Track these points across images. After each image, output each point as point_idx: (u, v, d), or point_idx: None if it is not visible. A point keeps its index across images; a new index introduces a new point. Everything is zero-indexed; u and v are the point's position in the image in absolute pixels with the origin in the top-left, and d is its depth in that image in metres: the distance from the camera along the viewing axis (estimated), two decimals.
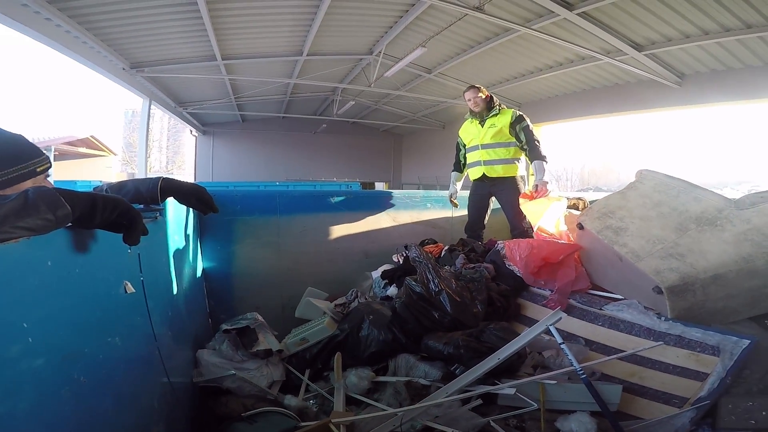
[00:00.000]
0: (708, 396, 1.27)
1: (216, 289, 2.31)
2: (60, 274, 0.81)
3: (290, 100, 13.58)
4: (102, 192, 1.30)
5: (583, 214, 2.23)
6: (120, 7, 5.91)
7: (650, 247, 1.76)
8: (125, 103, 43.47)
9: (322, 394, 1.70)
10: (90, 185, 7.60)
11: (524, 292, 2.15)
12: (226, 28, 7.20)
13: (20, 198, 0.71)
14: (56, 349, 0.76)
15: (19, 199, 0.71)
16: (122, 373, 1.01)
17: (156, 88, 9.81)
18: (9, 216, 0.68)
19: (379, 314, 1.88)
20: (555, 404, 1.42)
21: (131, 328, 1.12)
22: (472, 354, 1.59)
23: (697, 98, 7.52)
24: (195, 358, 1.67)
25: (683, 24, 6.02)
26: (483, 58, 8.65)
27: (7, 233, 0.67)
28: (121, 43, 7.21)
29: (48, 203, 0.74)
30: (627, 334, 1.67)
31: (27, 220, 0.70)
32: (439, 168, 15.15)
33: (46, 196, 0.74)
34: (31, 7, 5.14)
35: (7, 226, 0.67)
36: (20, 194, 0.72)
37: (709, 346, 1.44)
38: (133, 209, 0.91)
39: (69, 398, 0.76)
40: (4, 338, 0.63)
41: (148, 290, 1.21)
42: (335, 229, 2.64)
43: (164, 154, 38.83)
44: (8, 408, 0.62)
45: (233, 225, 2.38)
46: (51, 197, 0.75)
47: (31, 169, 1.01)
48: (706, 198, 1.89)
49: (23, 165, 1.00)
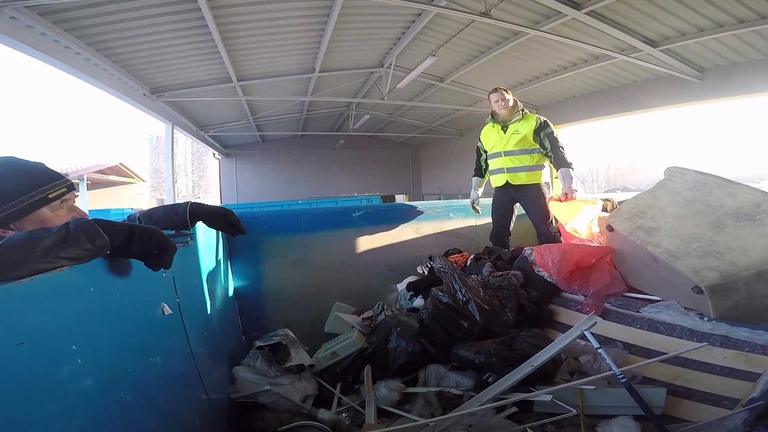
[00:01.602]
0: (761, 396, 1.21)
1: (247, 308, 2.36)
2: (102, 299, 0.85)
3: (307, 118, 13.85)
4: (135, 220, 1.36)
5: (612, 215, 2.17)
6: (134, 32, 6.15)
7: (686, 246, 1.70)
8: (149, 129, 45.16)
9: (354, 407, 1.70)
10: (122, 213, 7.93)
11: (556, 298, 2.10)
12: (238, 49, 7.42)
13: (62, 230, 0.77)
14: (103, 369, 0.79)
15: (61, 231, 0.77)
16: (164, 391, 1.04)
17: (177, 113, 10.16)
18: (52, 248, 0.74)
19: (407, 326, 1.87)
20: (595, 410, 1.38)
21: (170, 347, 1.15)
22: (504, 362, 1.56)
23: (719, 91, 7.28)
24: (231, 375, 1.70)
25: (695, 17, 5.87)
26: (495, 63, 8.62)
27: (51, 263, 0.73)
28: (139, 68, 7.49)
29: (87, 234, 0.79)
30: (668, 336, 1.60)
31: (69, 250, 0.76)
32: (460, 177, 15.08)
33: (86, 227, 0.80)
34: (49, 35, 5.36)
35: (50, 257, 0.73)
36: (62, 227, 0.78)
37: (759, 346, 1.37)
38: (168, 240, 0.94)
39: (117, 416, 0.80)
40: (57, 360, 0.67)
41: (185, 311, 1.25)
42: (359, 243, 2.66)
43: (190, 178, 40.04)
44: (63, 425, 0.65)
45: (260, 245, 2.44)
46: (90, 229, 0.80)
47: (43, 196, 0.99)
48: (741, 192, 1.82)
49: (33, 193, 0.98)
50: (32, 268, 0.69)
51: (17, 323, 0.60)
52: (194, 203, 1.43)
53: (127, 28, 6.01)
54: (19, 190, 0.97)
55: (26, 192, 0.97)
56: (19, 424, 0.56)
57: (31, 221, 0.98)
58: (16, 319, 0.60)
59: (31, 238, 0.74)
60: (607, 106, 9.22)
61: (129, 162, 17.68)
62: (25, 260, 0.69)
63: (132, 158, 66.62)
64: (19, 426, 0.56)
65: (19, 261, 0.69)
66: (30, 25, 5.03)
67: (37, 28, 5.14)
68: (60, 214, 1.02)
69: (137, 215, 1.40)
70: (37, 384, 0.62)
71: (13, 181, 0.98)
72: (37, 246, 0.72)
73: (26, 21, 4.94)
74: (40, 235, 0.75)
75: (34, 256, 0.71)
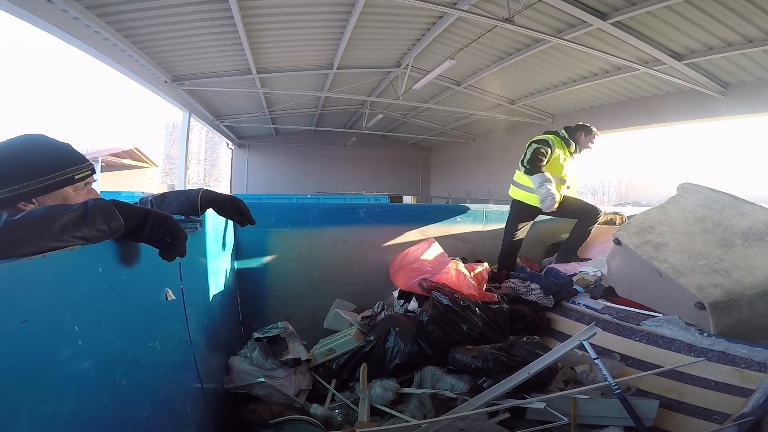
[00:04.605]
0: (752, 412, 1.21)
1: (249, 298, 2.38)
2: (109, 281, 0.86)
3: (321, 114, 13.94)
4: (147, 203, 1.39)
5: (620, 229, 2.17)
6: (163, 20, 6.28)
7: (692, 263, 1.69)
8: (166, 116, 45.81)
9: (347, 404, 1.71)
10: (133, 196, 8.04)
11: (556, 307, 2.10)
12: (260, 41, 7.50)
13: (80, 209, 0.78)
14: (102, 352, 0.79)
15: (79, 209, 0.77)
16: (160, 377, 1.05)
17: (195, 101, 10.30)
18: (69, 225, 0.74)
19: (405, 326, 1.88)
20: (586, 419, 1.38)
21: (170, 333, 1.16)
22: (501, 368, 1.56)
23: (743, 108, 7.13)
24: (227, 365, 1.72)
25: (724, 32, 5.77)
26: (514, 69, 8.57)
27: (65, 241, 0.73)
28: (163, 56, 7.63)
29: (104, 215, 0.80)
30: (666, 350, 1.60)
31: (84, 230, 0.76)
32: (470, 181, 15.02)
33: (104, 208, 0.81)
34: (81, 20, 5.52)
35: (66, 235, 0.73)
36: (80, 205, 0.79)
37: (755, 363, 1.37)
38: (180, 228, 0.94)
39: (110, 400, 0.79)
40: (57, 341, 0.67)
41: (187, 298, 1.26)
42: (364, 242, 2.67)
43: (202, 166, 40.50)
44: (56, 407, 0.65)
45: (267, 236, 2.46)
46: (107, 209, 0.81)
47: (70, 176, 1.03)
48: (753, 213, 1.81)
49: (62, 172, 1.02)
50: (47, 245, 0.70)
51: (24, 301, 0.60)
52: (206, 190, 1.45)
53: (155, 16, 6.13)
54: (48, 168, 1.01)
55: (55, 170, 1.02)
56: (10, 404, 0.55)
57: (54, 198, 1.02)
58: (23, 297, 0.60)
59: (51, 214, 0.74)
60: (625, 118, 9.11)
61: (144, 147, 17.94)
62: (41, 236, 0.70)
63: (147, 143, 67.71)
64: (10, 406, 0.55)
65: (36, 236, 0.70)
66: (65, 9, 5.18)
67: (71, 12, 5.28)
68: (81, 194, 1.06)
69: (149, 198, 1.42)
70: (35, 364, 0.61)
71: (45, 158, 1.02)
72: (55, 222, 0.73)
73: (61, 5, 5.08)
74: (60, 211, 0.76)
75: (52, 232, 0.71)
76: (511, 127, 12.41)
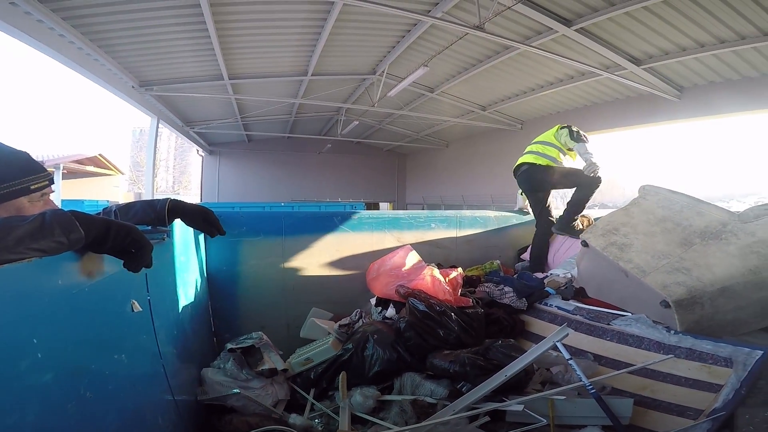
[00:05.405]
0: (723, 407, 1.26)
1: (221, 309, 2.31)
2: (70, 292, 0.82)
3: (295, 120, 13.81)
4: (111, 213, 1.33)
5: (587, 231, 2.24)
6: (132, 24, 6.10)
7: (655, 263, 1.76)
8: (133, 122, 44.37)
9: (327, 414, 1.68)
10: (97, 204, 7.69)
11: (529, 310, 2.14)
12: (233, 47, 7.39)
13: (37, 220, 0.74)
14: (64, 365, 0.77)
15: (35, 221, 0.74)
16: (127, 390, 1.02)
17: (164, 107, 10.03)
18: (24, 238, 0.71)
19: (384, 333, 1.87)
20: (565, 419, 1.40)
21: (137, 345, 1.13)
22: (478, 372, 1.57)
23: (697, 110, 7.55)
24: (200, 377, 1.66)
25: (679, 37, 6.11)
26: (484, 76, 8.80)
27: (21, 254, 0.70)
28: (131, 61, 7.39)
29: (63, 226, 0.76)
30: (636, 348, 1.65)
31: (41, 242, 0.72)
32: (445, 188, 15.22)
33: (63, 219, 0.77)
34: (45, 23, 5.31)
35: (22, 248, 0.70)
36: (38, 216, 0.75)
37: (722, 358, 1.43)
38: (144, 238, 0.91)
39: (74, 413, 0.77)
40: (14, 353, 0.65)
41: (155, 309, 1.22)
42: (340, 249, 2.64)
43: (171, 173, 39.35)
44: (15, 420, 0.63)
45: (239, 246, 2.40)
46: (67, 221, 0.77)
47: (25, 186, 0.99)
48: (709, 212, 1.90)
49: (17, 182, 0.98)
50: (1, 257, 0.67)
51: None
52: (173, 200, 1.41)
53: (124, 20, 5.96)
54: (2, 177, 0.97)
55: (10, 180, 0.97)
56: None
57: (7, 209, 0.97)
58: None
59: (5, 226, 0.71)
60: (590, 122, 9.48)
61: (109, 153, 17.23)
62: None
63: (113, 150, 65.22)
64: None
65: None
66: (28, 11, 4.98)
67: (35, 15, 5.09)
68: (37, 205, 1.02)
69: (113, 208, 1.37)
70: None
71: None
72: (9, 234, 0.69)
73: (25, 7, 4.88)
74: (15, 222, 0.72)
75: (6, 245, 0.68)
76: (482, 134, 12.71)
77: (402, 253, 2.37)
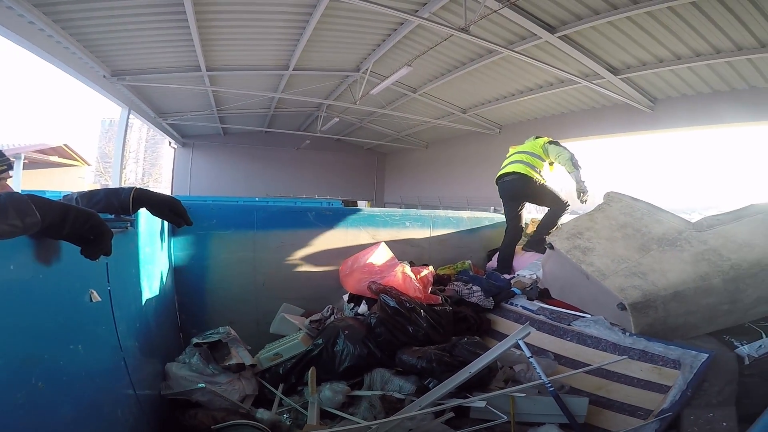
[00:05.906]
0: (670, 408, 1.32)
1: (188, 303, 2.26)
2: (23, 278, 0.79)
3: (274, 115, 13.60)
4: (72, 200, 1.28)
5: (553, 234, 2.32)
6: (106, 12, 5.88)
7: (615, 266, 1.83)
8: (103, 112, 42.63)
9: (296, 409, 1.68)
10: (59, 196, 7.36)
11: (496, 309, 2.20)
12: (212, 38, 7.21)
13: None
14: (13, 352, 0.74)
15: None
16: (84, 382, 0.99)
17: (136, 98, 9.70)
18: None
19: (355, 329, 1.88)
20: (525, 417, 1.45)
21: (95, 337, 1.09)
22: (444, 368, 1.60)
23: (668, 122, 7.82)
24: (164, 371, 1.63)
25: (657, 48, 6.30)
26: (466, 79, 8.90)
27: None
28: (104, 50, 7.12)
29: (18, 209, 0.73)
30: (594, 349, 1.72)
31: None
32: (422, 188, 15.32)
33: (18, 202, 0.73)
34: (15, 9, 5.08)
35: None
36: None
37: (671, 360, 1.50)
38: (104, 225, 0.88)
39: (24, 402, 0.75)
40: None
41: (116, 300, 1.19)
42: (313, 245, 2.63)
43: (140, 165, 37.94)
44: None
45: (208, 239, 2.35)
46: (22, 204, 0.74)
47: None
48: (667, 220, 2.00)
49: None
50: None
51: None
52: (139, 189, 1.37)
53: (98, 8, 5.74)
54: None
55: None
56: None
57: None
58: None
59: None
60: (566, 130, 9.72)
61: (75, 144, 16.48)
62: None
63: (80, 140, 62.47)
64: None
65: None
66: None
67: (4, 1, 4.85)
68: None
69: (75, 196, 1.32)
70: None
71: None
72: None
73: None
74: None
75: None
76: (461, 137, 12.87)
77: (376, 251, 2.38)
